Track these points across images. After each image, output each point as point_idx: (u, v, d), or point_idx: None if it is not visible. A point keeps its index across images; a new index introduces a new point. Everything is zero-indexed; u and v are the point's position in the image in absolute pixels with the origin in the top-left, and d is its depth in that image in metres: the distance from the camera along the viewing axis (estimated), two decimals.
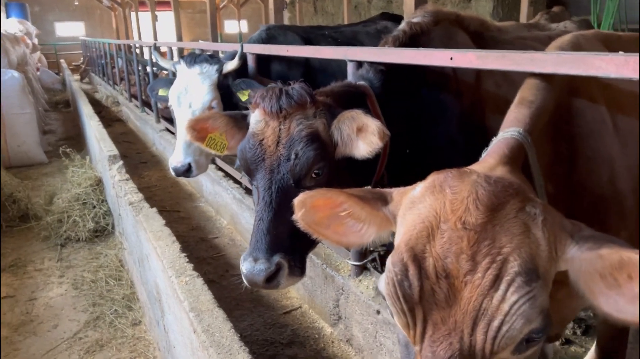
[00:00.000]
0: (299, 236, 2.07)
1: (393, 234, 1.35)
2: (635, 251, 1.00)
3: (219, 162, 5.57)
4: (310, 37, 4.79)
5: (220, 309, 2.22)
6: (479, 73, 2.82)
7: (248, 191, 4.85)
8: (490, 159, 1.35)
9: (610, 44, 1.95)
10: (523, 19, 9.50)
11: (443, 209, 1.11)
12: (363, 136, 2.04)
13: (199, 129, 2.36)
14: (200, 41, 22.31)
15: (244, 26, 27.54)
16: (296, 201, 1.33)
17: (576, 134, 1.77)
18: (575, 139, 1.77)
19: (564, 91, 1.74)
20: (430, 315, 1.05)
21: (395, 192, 1.34)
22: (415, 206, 1.18)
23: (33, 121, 8.62)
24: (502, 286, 1.00)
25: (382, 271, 3.00)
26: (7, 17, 21.08)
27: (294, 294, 3.74)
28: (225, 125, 2.34)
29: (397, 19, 5.43)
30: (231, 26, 27.09)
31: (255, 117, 2.16)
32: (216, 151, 2.41)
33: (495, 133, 2.98)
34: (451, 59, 2.00)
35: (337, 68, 4.54)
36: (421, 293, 1.06)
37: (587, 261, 1.07)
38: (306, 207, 1.33)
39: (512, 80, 2.88)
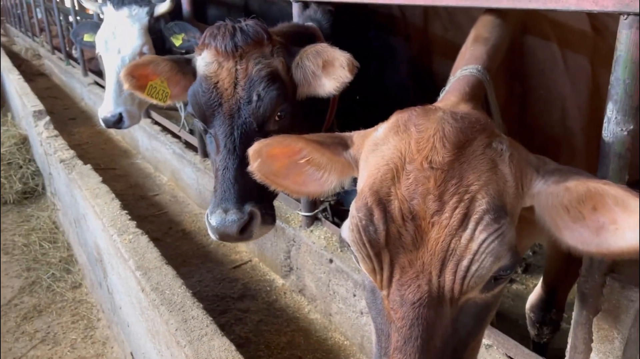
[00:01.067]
0: None
1: (355, 179, 1.29)
2: (602, 181, 0.99)
3: (155, 115, 5.29)
4: None
5: (169, 266, 2.13)
6: (426, 17, 2.77)
7: (188, 146, 4.65)
8: (452, 96, 1.31)
9: None
10: None
11: (408, 149, 1.06)
12: (330, 71, 1.94)
13: (138, 76, 2.18)
14: None
15: None
16: (251, 151, 1.24)
17: (529, 73, 1.76)
18: (528, 78, 1.76)
19: (517, 29, 1.71)
20: (397, 259, 1.01)
21: (356, 135, 1.27)
22: (379, 148, 1.12)
23: None
24: (471, 225, 0.97)
25: (333, 220, 2.97)
26: None
27: (243, 248, 3.67)
28: (168, 71, 2.17)
29: None
30: None
31: (205, 59, 2.00)
32: (158, 100, 2.24)
33: (443, 77, 2.97)
34: None
35: (278, 13, 4.34)
36: (387, 237, 1.01)
37: (553, 194, 1.06)
38: (262, 157, 1.25)
39: (458, 24, 2.85)
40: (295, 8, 2.60)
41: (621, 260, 1.39)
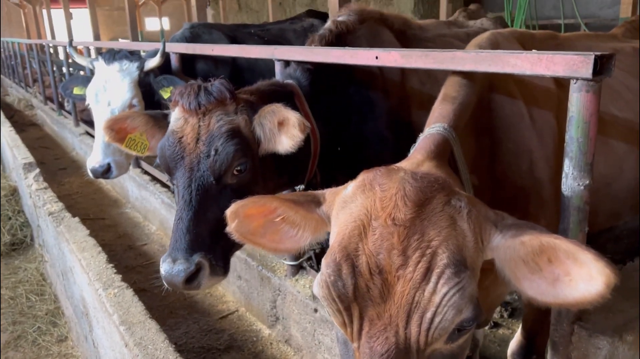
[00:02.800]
0: (221, 235, 2.02)
1: (329, 234, 1.35)
2: (554, 235, 1.06)
3: (144, 165, 5.37)
4: (236, 35, 4.72)
5: (152, 320, 2.14)
6: (404, 72, 2.89)
7: None
8: (418, 155, 1.39)
9: (525, 42, 2.05)
10: (443, 16, 9.86)
11: (373, 207, 1.13)
12: (285, 130, 2.03)
13: (117, 129, 2.26)
14: (120, 40, 21.45)
15: (165, 23, 26.71)
16: (228, 212, 1.30)
17: (497, 127, 1.85)
18: (496, 132, 1.85)
19: (484, 87, 1.82)
20: (366, 312, 1.06)
21: (328, 193, 1.34)
22: (347, 205, 1.19)
23: None
24: (433, 279, 1.03)
25: (318, 269, 3.01)
26: None
27: (230, 298, 3.67)
28: (144, 125, 2.26)
29: (323, 16, 5.46)
30: (152, 24, 26.19)
31: (175, 115, 2.11)
32: (137, 152, 2.32)
33: (421, 129, 3.07)
34: (376, 57, 2.02)
35: (264, 67, 4.50)
36: (355, 291, 1.07)
37: (510, 248, 1.12)
38: (239, 217, 1.31)
39: (435, 78, 2.97)
40: (277, 66, 2.72)
41: (588, 309, 1.45)
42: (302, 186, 2.78)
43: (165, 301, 3.66)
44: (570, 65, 1.35)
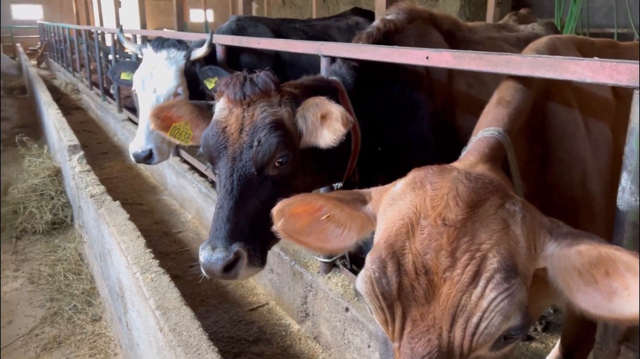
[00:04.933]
0: (260, 226, 2.05)
1: (374, 234, 1.33)
2: (613, 246, 1.01)
3: (183, 153, 5.45)
4: (281, 29, 4.73)
5: (187, 307, 2.16)
6: (451, 73, 2.84)
7: (214, 185, 4.76)
8: (471, 157, 1.35)
9: (584, 49, 1.98)
10: (490, 19, 9.67)
11: (423, 205, 1.10)
12: (327, 123, 2.02)
13: (162, 118, 2.29)
14: (165, 29, 21.83)
15: (209, 15, 27.08)
16: (275, 211, 1.29)
17: (550, 136, 1.79)
18: (549, 140, 1.79)
19: (539, 93, 1.76)
20: (409, 312, 1.04)
21: (374, 191, 1.32)
22: (396, 203, 1.17)
23: None
24: (481, 283, 1.00)
25: (351, 268, 2.99)
26: None
27: (261, 290, 3.69)
28: (190, 114, 2.28)
29: (369, 14, 5.43)
30: (197, 15, 26.58)
31: (220, 105, 2.12)
32: (180, 141, 2.34)
33: (466, 132, 3.01)
34: (427, 58, 1.99)
35: (307, 62, 4.50)
36: (400, 290, 1.05)
37: (565, 257, 1.08)
38: (285, 216, 1.30)
39: (483, 81, 2.91)
40: (323, 62, 2.71)
41: (636, 327, 1.38)
42: (340, 185, 2.77)
43: (197, 289, 3.71)
44: (635, 74, 1.30)
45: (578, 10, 8.45)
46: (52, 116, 6.38)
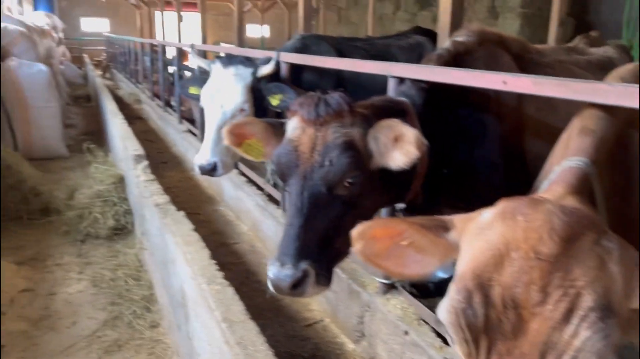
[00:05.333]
0: (328, 244, 2.07)
1: (454, 263, 1.32)
2: None
3: (241, 166, 5.56)
4: (343, 48, 4.78)
5: (252, 321, 2.20)
6: (520, 96, 2.79)
7: (271, 199, 4.83)
8: (559, 188, 1.32)
9: None
10: (552, 40, 9.45)
11: (514, 237, 1.08)
12: (400, 145, 2.02)
13: (237, 134, 2.36)
14: (222, 43, 22.41)
15: (266, 31, 27.68)
16: (354, 233, 1.30)
17: (634, 167, 1.73)
18: (632, 172, 1.73)
19: (623, 122, 1.70)
20: (495, 345, 1.02)
21: (457, 219, 1.30)
22: (483, 233, 1.15)
23: (57, 115, 8.69)
24: (575, 321, 0.97)
25: (409, 291, 2.95)
26: (35, 9, 21.40)
27: (316, 306, 3.70)
28: (263, 132, 2.34)
29: (430, 34, 5.40)
30: (253, 30, 27.22)
31: (293, 124, 2.17)
32: (252, 157, 2.40)
33: (534, 158, 2.94)
34: (504, 82, 1.96)
35: (367, 81, 4.51)
36: (486, 323, 1.03)
37: None
38: (365, 238, 1.30)
39: (553, 106, 2.84)
40: (391, 83, 2.71)
41: None
42: (403, 205, 2.76)
43: (253, 301, 3.74)
44: None
45: None
46: (117, 125, 6.67)
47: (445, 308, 1.10)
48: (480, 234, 1.16)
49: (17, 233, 5.57)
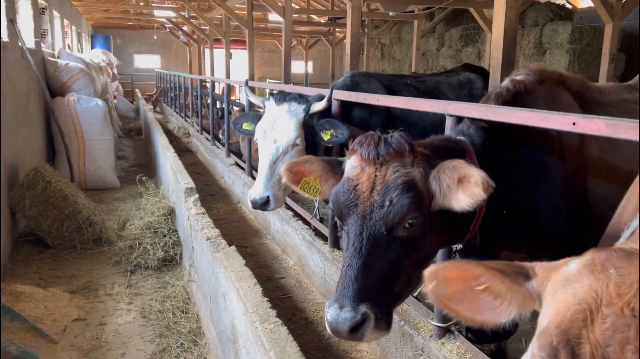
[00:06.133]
0: (387, 287, 2.01)
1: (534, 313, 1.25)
2: None
3: (288, 200, 5.58)
4: (392, 85, 4.81)
5: None
6: (583, 137, 2.71)
7: (318, 234, 4.81)
8: None
9: None
10: (603, 76, 9.24)
11: (606, 291, 1.01)
12: (464, 187, 1.97)
13: (295, 172, 2.36)
14: (267, 80, 23.00)
15: (309, 67, 28.26)
16: (427, 272, 1.26)
17: None
18: None
19: None
20: None
21: (539, 267, 1.25)
22: (570, 284, 1.09)
23: (111, 147, 9.03)
24: None
25: (466, 335, 2.84)
26: (92, 47, 22.59)
27: (365, 347, 3.61)
28: (321, 170, 2.33)
29: (480, 70, 5.38)
30: (297, 66, 27.84)
31: (352, 163, 2.15)
32: (309, 194, 2.40)
33: (598, 200, 2.82)
34: (574, 124, 1.90)
35: (417, 118, 4.52)
36: None
37: None
38: (438, 279, 1.26)
39: (617, 146, 2.75)
40: (449, 121, 2.68)
41: None
42: (460, 246, 2.68)
43: (301, 339, 3.69)
44: None
45: None
46: (169, 158, 6.85)
47: None
48: (566, 286, 1.09)
49: (70, 262, 5.74)
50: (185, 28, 23.59)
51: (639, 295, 0.98)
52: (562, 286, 1.11)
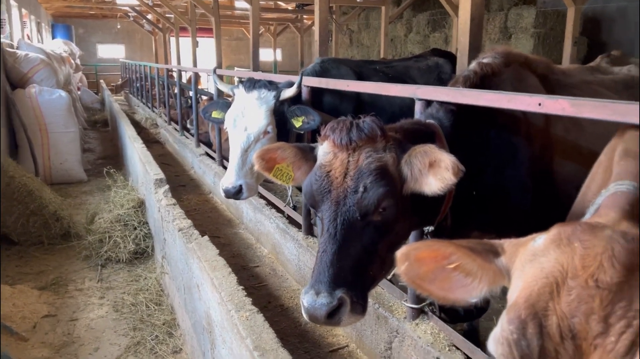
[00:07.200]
0: (363, 271, 2.03)
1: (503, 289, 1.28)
2: None
3: (261, 189, 5.55)
4: (362, 71, 4.80)
5: (284, 349, 2.16)
6: (548, 117, 2.77)
7: (291, 221, 4.81)
8: (612, 213, 1.28)
9: None
10: (566, 59, 9.43)
11: (571, 264, 1.04)
12: (435, 171, 1.99)
13: (267, 159, 2.35)
14: (235, 68, 22.74)
15: (278, 55, 28.04)
16: (399, 254, 1.27)
17: None
18: None
19: None
20: None
21: (507, 244, 1.27)
22: (537, 259, 1.11)
23: (76, 140, 8.81)
24: None
25: (440, 316, 2.90)
26: (53, 37, 21.89)
27: (340, 331, 3.64)
28: (293, 156, 2.32)
29: (448, 55, 5.43)
30: (266, 54, 27.60)
31: (324, 149, 2.14)
32: (282, 181, 2.39)
33: (563, 179, 2.88)
34: (540, 104, 1.94)
35: (386, 102, 4.53)
36: (541, 354, 0.98)
37: None
38: (410, 260, 1.27)
39: (580, 126, 2.82)
40: (418, 105, 2.70)
41: None
42: (431, 228, 2.72)
43: (277, 326, 3.70)
44: None
45: None
46: (137, 150, 6.72)
47: (496, 339, 1.05)
48: (534, 260, 1.12)
49: (38, 258, 5.60)
50: (149, 16, 23.03)
51: (605, 266, 1.01)
52: (530, 261, 1.13)
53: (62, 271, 5.26)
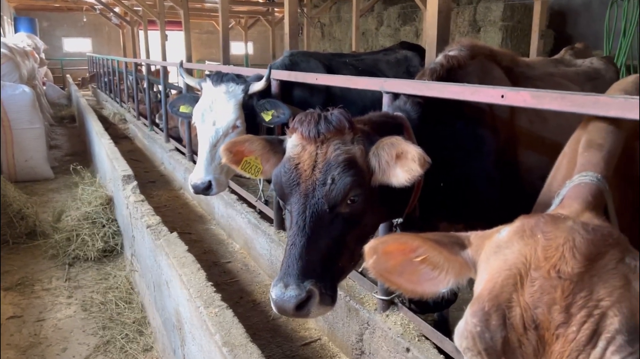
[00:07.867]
0: (331, 263, 2.03)
1: (470, 281, 1.29)
2: None
3: (232, 184, 5.51)
4: (332, 64, 4.79)
5: (254, 344, 2.15)
6: (513, 109, 2.81)
7: (263, 216, 4.79)
8: (575, 204, 1.30)
9: None
10: (533, 52, 9.60)
11: (534, 256, 1.05)
12: (402, 163, 2.00)
13: (235, 152, 2.32)
14: (207, 62, 22.45)
15: (249, 48, 27.80)
16: (367, 248, 1.27)
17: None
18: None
19: (629, 135, 1.70)
20: None
21: (473, 236, 1.28)
22: (501, 251, 1.12)
23: (41, 136, 8.58)
24: (601, 344, 0.93)
25: (410, 307, 2.92)
26: (16, 31, 21.23)
27: (313, 325, 3.65)
28: (261, 149, 2.31)
29: (416, 48, 5.45)
30: (237, 48, 27.33)
31: (292, 141, 2.14)
32: (250, 174, 2.37)
33: (528, 170, 2.93)
34: (502, 96, 1.96)
35: (356, 96, 4.53)
36: (505, 346, 0.99)
37: None
38: (378, 254, 1.27)
39: (544, 118, 2.87)
40: (386, 98, 2.71)
41: None
42: (400, 220, 2.74)
43: (248, 321, 3.69)
44: None
45: (627, 44, 8.31)
46: (104, 146, 6.59)
47: (461, 332, 1.05)
48: (498, 252, 1.12)
49: (2, 258, 5.44)
50: (117, 9, 22.53)
51: (566, 257, 1.02)
52: (494, 253, 1.14)
53: (27, 271, 5.13)
